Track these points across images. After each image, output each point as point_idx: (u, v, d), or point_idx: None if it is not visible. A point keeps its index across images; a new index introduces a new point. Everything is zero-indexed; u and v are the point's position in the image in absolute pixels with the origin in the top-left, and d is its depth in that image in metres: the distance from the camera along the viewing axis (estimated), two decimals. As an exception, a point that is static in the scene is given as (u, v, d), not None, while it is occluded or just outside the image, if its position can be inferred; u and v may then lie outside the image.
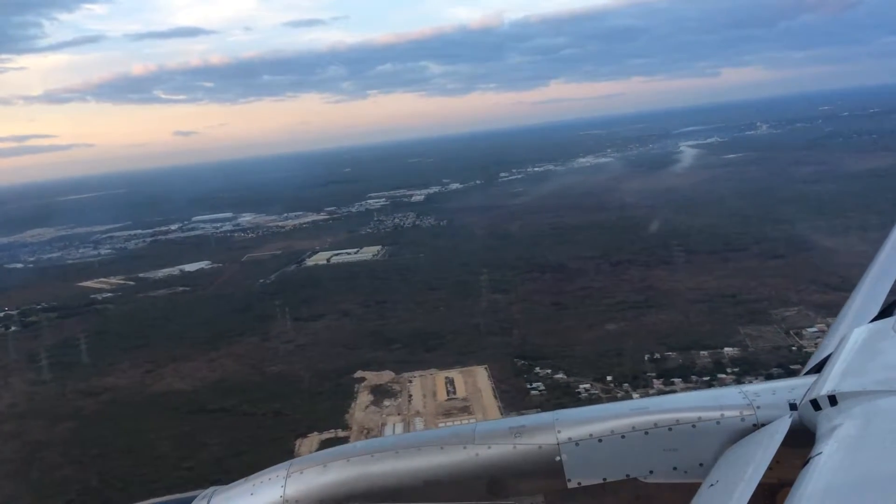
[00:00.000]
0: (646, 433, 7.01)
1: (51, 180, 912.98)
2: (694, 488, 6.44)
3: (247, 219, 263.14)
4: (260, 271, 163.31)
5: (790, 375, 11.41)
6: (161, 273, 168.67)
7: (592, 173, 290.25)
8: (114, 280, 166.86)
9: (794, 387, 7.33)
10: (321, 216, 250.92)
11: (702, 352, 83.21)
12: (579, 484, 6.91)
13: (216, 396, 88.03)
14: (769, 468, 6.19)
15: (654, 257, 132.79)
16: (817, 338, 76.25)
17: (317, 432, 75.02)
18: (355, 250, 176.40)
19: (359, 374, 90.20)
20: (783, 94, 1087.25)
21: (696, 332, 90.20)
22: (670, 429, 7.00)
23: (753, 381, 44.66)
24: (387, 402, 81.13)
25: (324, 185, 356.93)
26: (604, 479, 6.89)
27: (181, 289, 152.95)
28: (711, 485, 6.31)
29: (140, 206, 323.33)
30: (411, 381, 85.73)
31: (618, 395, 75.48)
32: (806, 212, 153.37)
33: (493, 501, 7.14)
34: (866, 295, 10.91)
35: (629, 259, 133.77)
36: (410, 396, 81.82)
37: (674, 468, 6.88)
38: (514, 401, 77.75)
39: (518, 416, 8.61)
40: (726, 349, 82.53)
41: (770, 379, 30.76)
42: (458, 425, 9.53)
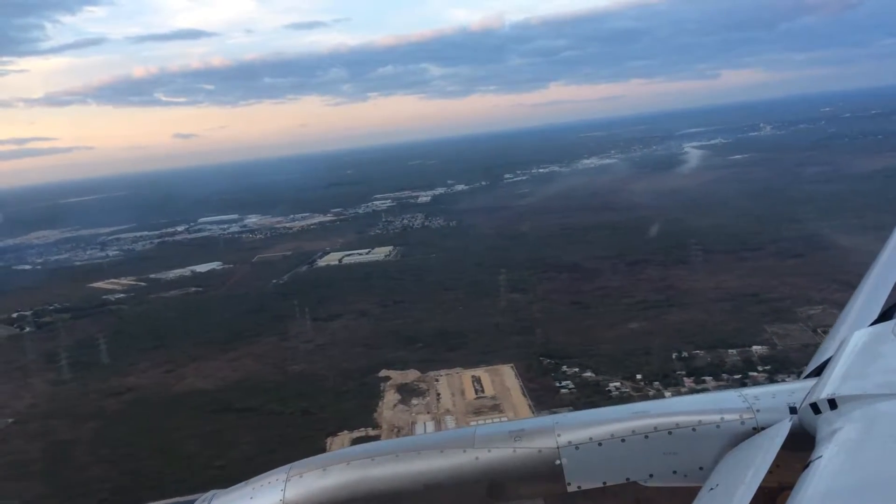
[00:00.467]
0: (646, 437, 7.03)
1: (51, 183, 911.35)
2: (694, 492, 6.48)
3: (253, 220, 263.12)
4: (272, 272, 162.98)
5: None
6: (172, 274, 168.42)
7: (598, 174, 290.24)
8: (125, 281, 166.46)
9: (794, 390, 7.38)
10: (328, 217, 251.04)
11: (730, 350, 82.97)
12: (579, 488, 6.93)
13: (241, 395, 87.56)
14: (769, 472, 6.22)
15: (669, 257, 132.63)
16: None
17: (347, 431, 74.60)
18: (367, 251, 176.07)
19: (383, 373, 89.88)
20: (783, 95, 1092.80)
21: (722, 331, 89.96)
22: (670, 432, 7.03)
23: (787, 380, 44.38)
24: (415, 401, 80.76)
25: (327, 187, 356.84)
26: (604, 483, 6.92)
27: (193, 289, 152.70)
28: (711, 489, 6.34)
29: (144, 208, 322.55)
30: (438, 380, 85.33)
31: (649, 393, 75.26)
32: (819, 211, 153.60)
33: None
34: (866, 298, 10.95)
35: (645, 259, 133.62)
36: (439, 395, 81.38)
37: (674, 472, 6.91)
38: (544, 399, 77.35)
39: (518, 420, 8.63)
40: (755, 347, 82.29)
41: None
42: (458, 429, 9.51)
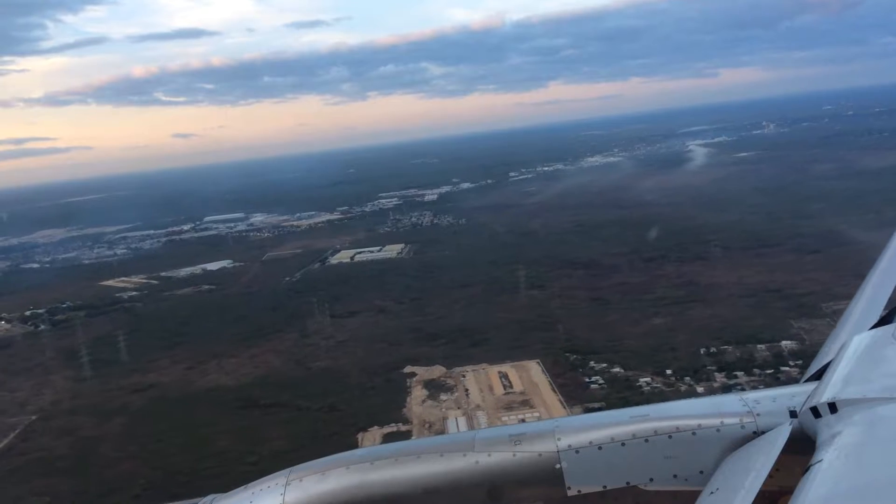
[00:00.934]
0: (646, 441, 7.01)
1: (50, 183, 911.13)
2: (694, 496, 6.47)
3: (259, 219, 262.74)
4: (283, 270, 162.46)
5: None
6: (183, 272, 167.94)
7: (604, 172, 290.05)
8: (136, 279, 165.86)
9: (795, 394, 7.37)
10: (335, 215, 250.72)
11: (758, 345, 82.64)
12: (579, 491, 6.91)
13: (266, 391, 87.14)
14: (769, 475, 6.20)
15: (687, 253, 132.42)
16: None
17: (377, 426, 74.19)
18: (378, 248, 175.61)
19: (408, 370, 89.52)
20: (783, 94, 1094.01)
21: (748, 326, 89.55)
22: (670, 436, 7.01)
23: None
24: (443, 397, 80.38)
25: (331, 186, 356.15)
26: (604, 487, 6.90)
27: (206, 287, 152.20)
28: (712, 492, 6.32)
29: (149, 207, 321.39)
30: (464, 376, 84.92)
31: (681, 388, 74.96)
32: (833, 208, 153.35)
33: None
34: (866, 302, 10.88)
35: (661, 255, 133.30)
36: (467, 391, 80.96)
37: (674, 476, 6.88)
38: (574, 394, 77.04)
39: (518, 424, 8.56)
40: (784, 342, 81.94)
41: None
42: (458, 433, 9.25)
